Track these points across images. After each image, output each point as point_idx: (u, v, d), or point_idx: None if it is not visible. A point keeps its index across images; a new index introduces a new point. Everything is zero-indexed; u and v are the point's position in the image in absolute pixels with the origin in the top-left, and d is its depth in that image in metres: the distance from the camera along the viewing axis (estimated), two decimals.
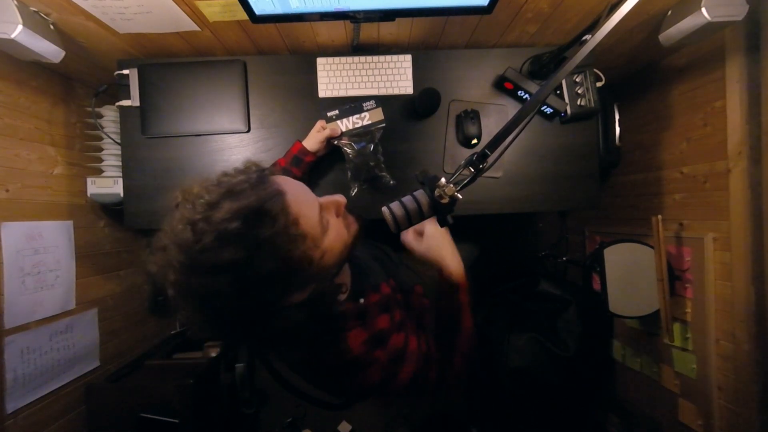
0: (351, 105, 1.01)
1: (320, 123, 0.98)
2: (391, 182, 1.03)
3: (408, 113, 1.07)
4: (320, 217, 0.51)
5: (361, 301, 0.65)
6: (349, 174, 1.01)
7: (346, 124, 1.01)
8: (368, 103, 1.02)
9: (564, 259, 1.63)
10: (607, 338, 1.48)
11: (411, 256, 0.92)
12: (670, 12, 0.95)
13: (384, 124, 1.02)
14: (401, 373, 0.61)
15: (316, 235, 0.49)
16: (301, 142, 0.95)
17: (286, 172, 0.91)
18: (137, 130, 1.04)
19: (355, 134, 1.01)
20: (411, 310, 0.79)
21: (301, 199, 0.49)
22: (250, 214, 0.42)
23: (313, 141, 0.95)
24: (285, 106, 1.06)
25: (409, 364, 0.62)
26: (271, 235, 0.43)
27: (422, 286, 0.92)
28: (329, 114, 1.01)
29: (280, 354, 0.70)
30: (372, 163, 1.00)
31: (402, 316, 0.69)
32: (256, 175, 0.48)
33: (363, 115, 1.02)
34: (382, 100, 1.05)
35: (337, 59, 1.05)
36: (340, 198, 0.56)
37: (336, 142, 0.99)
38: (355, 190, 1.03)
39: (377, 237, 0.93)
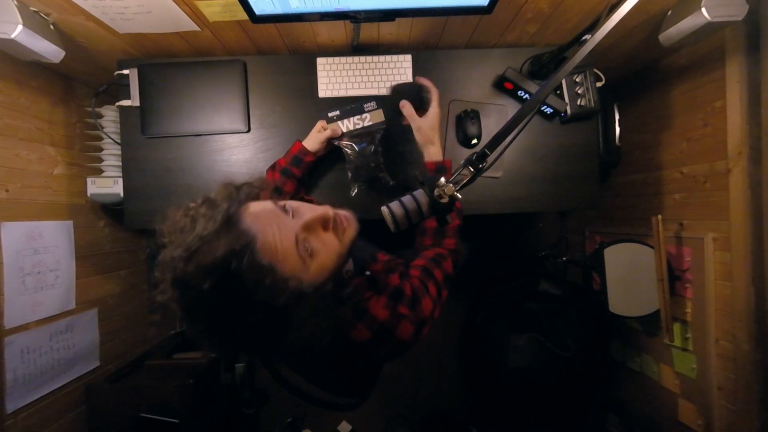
0: (352, 105, 1.01)
1: (321, 123, 0.97)
2: (391, 183, 1.03)
3: None
4: (298, 251, 0.48)
5: (367, 273, 0.66)
6: (350, 174, 1.01)
7: (347, 125, 1.00)
8: (369, 104, 1.01)
9: (564, 259, 1.63)
10: (607, 338, 1.47)
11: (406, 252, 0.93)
12: (670, 12, 0.95)
13: (385, 125, 1.01)
14: (424, 308, 0.63)
15: (296, 270, 0.47)
16: (301, 142, 0.95)
17: (286, 172, 0.92)
18: (137, 130, 1.04)
19: (356, 135, 1.00)
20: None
21: (273, 239, 0.46)
22: (220, 275, 0.41)
23: (313, 141, 0.94)
24: (285, 106, 1.06)
25: (424, 298, 0.64)
26: (248, 292, 0.42)
27: None
28: (330, 114, 1.00)
29: (297, 364, 0.71)
30: (372, 164, 1.00)
31: (403, 268, 0.72)
32: (222, 219, 0.45)
33: (364, 116, 1.01)
34: (382, 101, 1.05)
35: (337, 59, 1.05)
36: (325, 212, 0.53)
37: (337, 143, 0.98)
38: (355, 191, 1.02)
39: (376, 237, 0.93)
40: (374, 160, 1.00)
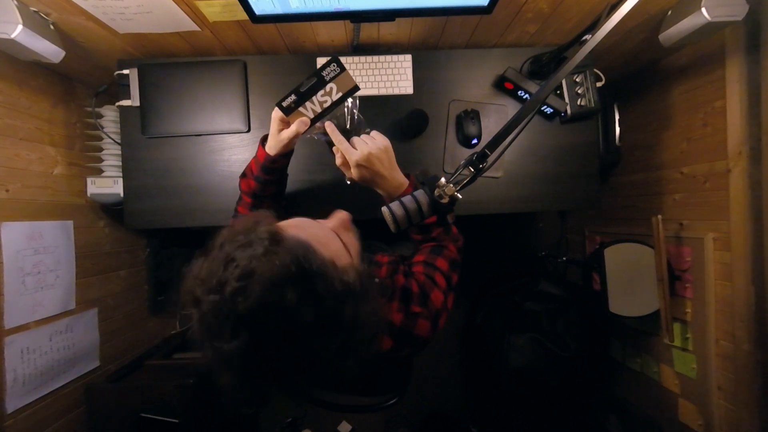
0: (307, 81, 0.70)
1: (277, 115, 0.71)
2: None
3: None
4: (344, 245, 0.52)
5: (376, 280, 0.66)
6: None
7: (312, 108, 0.72)
8: (329, 68, 0.69)
9: (564, 259, 1.63)
10: (607, 338, 1.48)
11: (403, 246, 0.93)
12: (670, 12, 0.95)
13: (358, 90, 0.73)
14: (435, 302, 0.65)
15: (347, 264, 0.48)
16: (263, 146, 0.75)
17: (260, 180, 0.77)
18: (137, 130, 1.04)
19: (329, 115, 0.74)
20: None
21: (322, 240, 0.48)
22: (296, 279, 0.39)
23: (278, 145, 0.72)
24: None
25: (433, 291, 0.66)
26: (324, 290, 0.41)
27: None
28: (285, 104, 0.70)
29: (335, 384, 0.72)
30: None
31: (405, 266, 0.73)
32: (268, 235, 0.43)
33: (328, 88, 0.71)
34: (382, 100, 1.05)
35: None
36: (344, 215, 0.57)
37: (309, 136, 0.76)
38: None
39: (374, 236, 0.93)
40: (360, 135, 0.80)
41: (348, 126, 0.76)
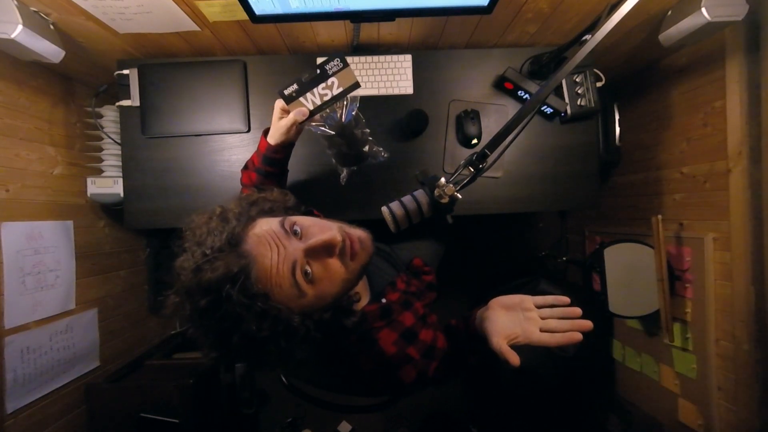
0: (311, 73, 0.73)
1: (279, 104, 0.73)
2: (385, 155, 0.87)
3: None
4: (295, 279, 0.46)
5: (383, 300, 0.66)
6: (334, 159, 0.86)
7: (312, 100, 0.74)
8: (332, 63, 0.72)
9: (564, 259, 1.63)
10: (607, 338, 1.47)
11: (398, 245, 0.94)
12: (670, 12, 0.95)
13: (359, 87, 0.75)
14: (430, 370, 0.63)
15: (290, 298, 0.47)
16: (266, 136, 0.77)
17: (261, 172, 0.79)
18: (137, 130, 1.04)
19: (328, 108, 0.76)
20: (422, 290, 0.80)
21: (269, 265, 0.45)
22: (215, 296, 0.43)
23: (277, 133, 0.74)
24: None
25: (436, 360, 0.65)
26: (237, 316, 0.44)
27: (420, 258, 0.91)
28: (287, 92, 0.73)
29: (314, 378, 0.72)
30: (359, 138, 0.82)
31: (423, 310, 0.71)
32: (226, 238, 0.46)
33: (330, 81, 0.73)
34: (382, 100, 1.05)
35: None
36: (331, 238, 0.48)
37: (307, 126, 0.76)
38: (346, 176, 0.88)
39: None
40: (359, 133, 0.82)
41: (344, 120, 0.76)
